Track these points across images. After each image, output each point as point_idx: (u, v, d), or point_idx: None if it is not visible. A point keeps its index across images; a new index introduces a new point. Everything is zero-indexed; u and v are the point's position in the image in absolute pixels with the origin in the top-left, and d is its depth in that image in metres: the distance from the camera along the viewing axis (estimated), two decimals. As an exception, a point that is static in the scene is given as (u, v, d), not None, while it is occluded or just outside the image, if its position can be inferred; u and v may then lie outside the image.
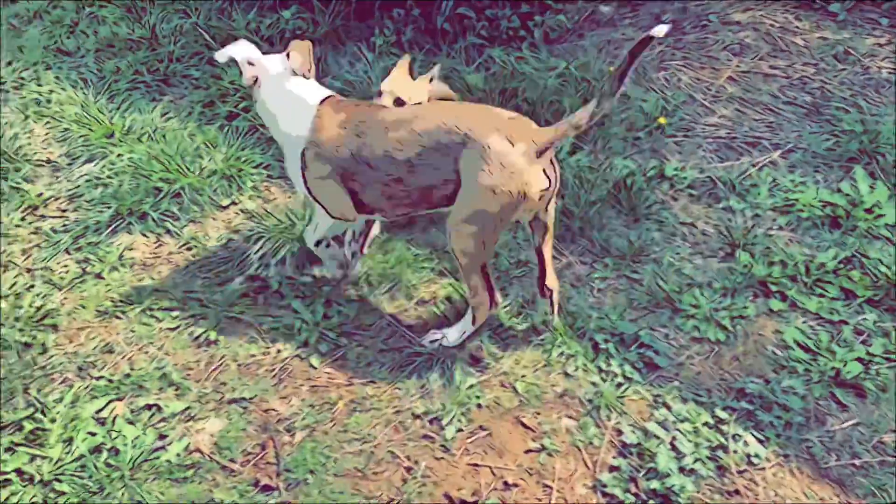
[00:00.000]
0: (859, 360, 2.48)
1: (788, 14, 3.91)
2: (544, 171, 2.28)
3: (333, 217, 2.53)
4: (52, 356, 2.57)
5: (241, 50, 2.53)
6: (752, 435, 2.31)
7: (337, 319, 2.68)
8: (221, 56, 2.52)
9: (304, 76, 2.49)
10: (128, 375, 2.51)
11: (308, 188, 2.49)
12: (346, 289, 2.77)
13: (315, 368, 2.55)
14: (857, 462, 2.27)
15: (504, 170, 2.23)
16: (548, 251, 2.49)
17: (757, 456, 2.27)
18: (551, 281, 2.53)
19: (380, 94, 2.70)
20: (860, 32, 3.76)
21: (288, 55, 2.49)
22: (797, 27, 3.84)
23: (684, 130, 3.38)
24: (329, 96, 2.49)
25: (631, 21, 3.97)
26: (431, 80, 2.81)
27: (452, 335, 2.58)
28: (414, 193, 2.38)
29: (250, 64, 2.50)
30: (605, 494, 2.20)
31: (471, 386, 2.47)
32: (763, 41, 3.77)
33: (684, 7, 4.00)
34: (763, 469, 2.25)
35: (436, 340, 2.58)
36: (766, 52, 3.71)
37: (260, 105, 2.55)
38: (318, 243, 2.68)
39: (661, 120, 3.35)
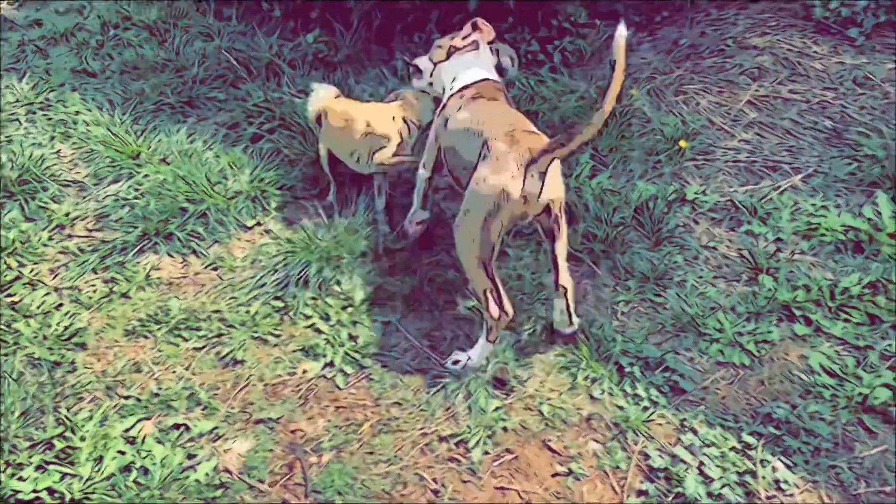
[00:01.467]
0: (887, 385, 2.47)
1: (806, 39, 3.93)
2: (533, 179, 2.38)
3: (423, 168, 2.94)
4: (80, 375, 2.59)
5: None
6: (781, 460, 2.31)
7: (362, 340, 2.70)
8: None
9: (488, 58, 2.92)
10: (156, 395, 2.52)
11: (428, 140, 2.91)
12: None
13: (341, 389, 2.56)
14: (886, 489, 2.26)
15: (494, 167, 2.39)
16: (560, 254, 2.56)
17: (786, 482, 2.26)
18: (564, 279, 2.57)
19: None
20: (878, 58, 3.78)
21: (497, 50, 2.98)
22: (815, 52, 3.87)
23: (704, 154, 3.40)
24: (483, 79, 2.80)
25: (650, 45, 4.01)
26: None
27: (475, 355, 2.59)
28: (457, 167, 2.67)
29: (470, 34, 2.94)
30: (633, 519, 2.20)
31: (496, 409, 2.48)
32: (781, 65, 3.79)
33: (702, 32, 4.04)
34: (792, 495, 2.24)
35: (459, 361, 2.60)
36: (785, 76, 3.74)
37: (439, 73, 2.97)
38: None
39: (682, 143, 3.37)
